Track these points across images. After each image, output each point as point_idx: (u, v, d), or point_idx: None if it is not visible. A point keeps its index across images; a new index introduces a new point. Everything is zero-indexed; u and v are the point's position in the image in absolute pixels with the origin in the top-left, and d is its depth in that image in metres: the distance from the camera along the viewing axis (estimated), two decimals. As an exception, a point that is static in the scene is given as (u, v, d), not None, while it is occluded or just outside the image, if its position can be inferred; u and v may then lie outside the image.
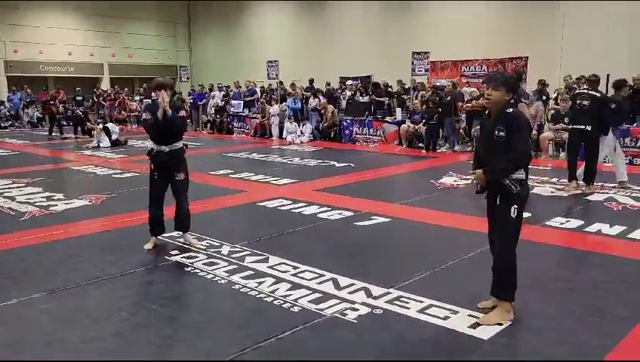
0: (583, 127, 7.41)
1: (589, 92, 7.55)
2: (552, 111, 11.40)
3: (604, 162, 8.80)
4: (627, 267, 4.50)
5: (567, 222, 5.86)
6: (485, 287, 3.65)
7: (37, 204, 7.08)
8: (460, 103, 12.29)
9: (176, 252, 4.92)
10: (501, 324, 3.35)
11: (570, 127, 7.94)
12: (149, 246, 5.06)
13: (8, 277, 4.36)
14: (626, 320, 3.44)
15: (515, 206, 3.33)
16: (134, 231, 5.65)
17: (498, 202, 3.37)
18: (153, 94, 5.10)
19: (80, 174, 9.79)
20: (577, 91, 8.37)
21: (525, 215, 6.07)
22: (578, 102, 7.60)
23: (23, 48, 23.69)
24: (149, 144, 5.04)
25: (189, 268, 4.51)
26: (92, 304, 3.83)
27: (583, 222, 5.79)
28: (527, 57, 14.59)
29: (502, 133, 3.27)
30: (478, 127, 4.06)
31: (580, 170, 7.61)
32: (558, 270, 4.47)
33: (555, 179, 8.28)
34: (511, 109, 3.36)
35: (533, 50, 15.06)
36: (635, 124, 10.20)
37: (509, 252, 3.37)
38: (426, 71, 13.80)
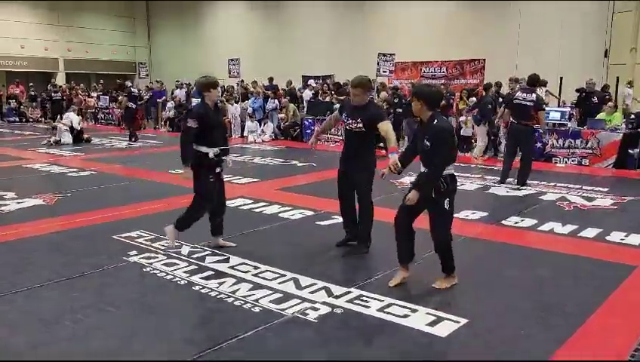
0: None
1: None
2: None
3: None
4: (577, 265, 4.68)
5: (521, 221, 6.04)
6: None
7: (-14, 203, 6.81)
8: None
9: (135, 252, 4.82)
10: (453, 321, 3.44)
11: None
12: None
13: (-45, 280, 4.18)
14: (575, 316, 3.58)
15: (448, 199, 3.91)
16: (90, 232, 5.51)
17: (433, 195, 3.87)
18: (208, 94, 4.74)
19: (34, 172, 9.46)
20: None
21: (482, 214, 6.27)
22: None
23: (-28, 41, 22.78)
24: (204, 149, 4.65)
25: (148, 269, 4.43)
26: (44, 307, 3.71)
27: (536, 221, 5.98)
28: (484, 59, 14.95)
29: (427, 143, 3.83)
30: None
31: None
32: (512, 268, 4.59)
33: (510, 179, 8.51)
34: (436, 121, 3.84)
35: (491, 52, 15.45)
36: (585, 127, 10.59)
37: (448, 234, 3.98)
38: (390, 72, 13.92)
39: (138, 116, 15.77)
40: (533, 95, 7.81)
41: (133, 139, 14.19)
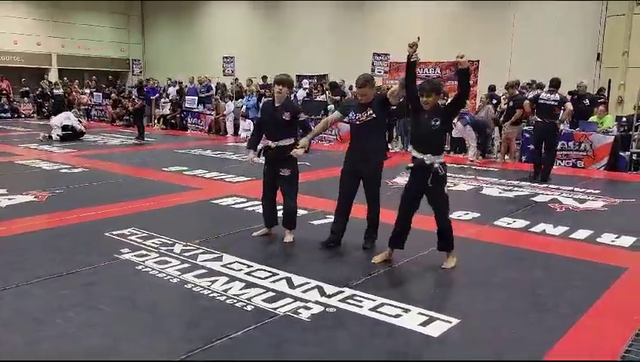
0: None
1: None
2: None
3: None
4: (569, 266, 4.70)
5: (513, 222, 6.06)
6: (434, 284, 3.73)
7: (-23, 199, 6.75)
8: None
9: (127, 250, 4.80)
10: (445, 321, 3.45)
11: None
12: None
13: (-56, 276, 4.14)
14: (567, 316, 3.60)
15: (445, 184, 4.40)
16: (82, 229, 5.48)
17: (430, 184, 4.28)
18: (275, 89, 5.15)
19: (25, 169, 9.40)
20: None
21: (475, 215, 6.29)
22: None
23: (-36, 35, 22.57)
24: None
25: (140, 267, 4.40)
26: (34, 305, 3.68)
27: (528, 223, 6.00)
28: (478, 61, 14.98)
29: (437, 124, 4.28)
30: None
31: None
32: (504, 268, 4.61)
33: (502, 180, 8.54)
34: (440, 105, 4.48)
35: (485, 54, 15.48)
36: (577, 128, 10.64)
37: (448, 217, 4.47)
38: (385, 72, 13.86)
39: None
40: (557, 95, 8.61)
41: (140, 139, 13.80)
